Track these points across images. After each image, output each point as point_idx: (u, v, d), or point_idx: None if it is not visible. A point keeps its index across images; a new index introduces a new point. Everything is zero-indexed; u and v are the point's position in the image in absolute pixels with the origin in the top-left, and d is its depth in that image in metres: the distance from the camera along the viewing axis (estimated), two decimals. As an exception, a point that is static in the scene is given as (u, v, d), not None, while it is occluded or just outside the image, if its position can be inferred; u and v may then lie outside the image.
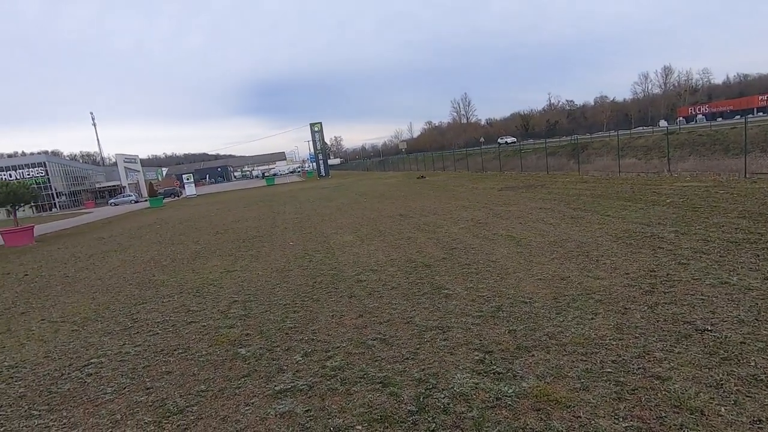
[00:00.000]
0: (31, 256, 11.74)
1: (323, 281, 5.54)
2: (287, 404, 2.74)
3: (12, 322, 5.46)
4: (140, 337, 4.35)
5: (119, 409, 2.97)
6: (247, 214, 16.43)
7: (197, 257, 8.42)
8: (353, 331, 3.79)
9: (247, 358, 3.50)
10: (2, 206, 15.45)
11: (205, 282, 6.30)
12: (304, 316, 4.33)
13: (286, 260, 7.11)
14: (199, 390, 3.08)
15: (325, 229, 10.03)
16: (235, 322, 4.43)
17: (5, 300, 6.75)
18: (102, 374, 3.56)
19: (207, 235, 11.64)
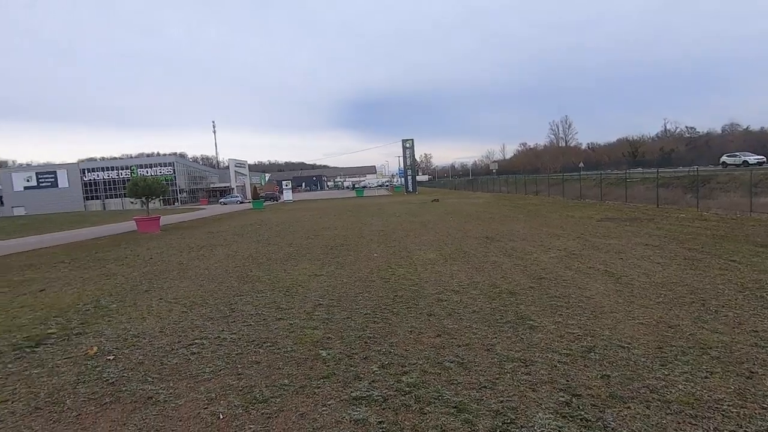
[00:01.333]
0: (156, 243, 13.60)
1: (404, 296, 5.59)
2: (362, 412, 2.80)
3: (138, 298, 6.36)
4: (236, 326, 4.78)
5: (214, 388, 3.29)
6: (337, 222, 17.24)
7: (289, 258, 9.04)
8: (430, 350, 3.76)
9: (327, 361, 3.66)
10: (139, 197, 18.19)
11: (294, 282, 6.74)
12: (383, 328, 4.41)
13: (369, 271, 7.31)
14: (283, 384, 3.29)
15: (409, 244, 10.12)
16: (319, 324, 4.66)
17: (134, 278, 7.89)
18: (203, 354, 3.98)
19: (299, 238, 12.45)
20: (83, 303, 6.21)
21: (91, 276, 8.38)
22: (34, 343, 4.57)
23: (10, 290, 7.46)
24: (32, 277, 8.71)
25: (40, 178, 66.03)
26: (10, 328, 5.14)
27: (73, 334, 4.82)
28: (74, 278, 8.23)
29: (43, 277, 8.63)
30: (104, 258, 10.80)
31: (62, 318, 5.48)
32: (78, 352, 4.22)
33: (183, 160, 79.75)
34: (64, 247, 14.13)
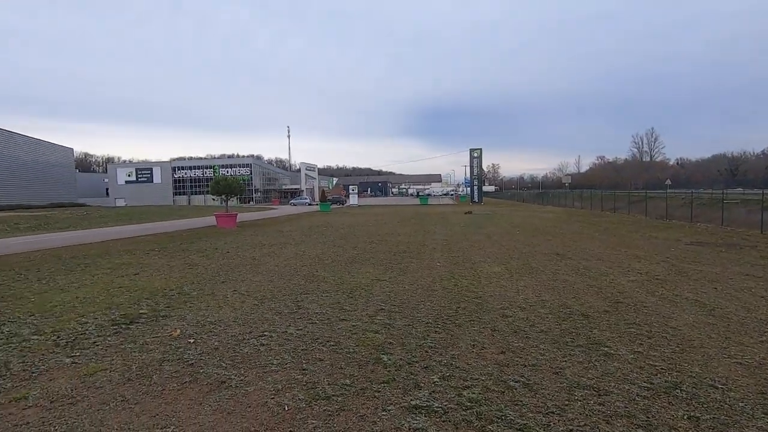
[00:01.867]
0: (232, 238, 14.62)
1: (467, 308, 5.47)
2: (421, 422, 2.78)
3: (215, 288, 6.87)
4: (302, 322, 4.98)
5: (281, 380, 3.45)
6: (400, 229, 17.35)
7: (353, 261, 9.25)
8: (494, 367, 3.63)
9: (388, 366, 3.68)
10: (220, 195, 19.70)
11: (357, 285, 6.88)
12: (445, 339, 4.35)
13: (432, 280, 7.26)
14: (344, 383, 3.36)
15: (473, 255, 9.90)
16: (380, 328, 4.71)
17: (212, 269, 8.54)
18: (271, 347, 4.19)
19: (363, 243, 12.70)
20: (169, 288, 6.83)
21: (176, 264, 9.21)
22: (129, 320, 5.11)
23: (112, 271, 8.43)
24: (129, 261, 9.77)
25: (138, 173, 74.06)
26: (110, 306, 5.80)
27: (160, 316, 5.32)
28: (163, 265, 9.09)
29: (137, 262, 9.64)
30: (188, 249, 11.82)
31: (152, 300, 6.07)
32: (164, 333, 4.65)
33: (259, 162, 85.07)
34: (155, 237, 15.69)
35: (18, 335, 4.61)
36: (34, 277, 7.94)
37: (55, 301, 6.12)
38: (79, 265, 9.25)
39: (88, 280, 7.64)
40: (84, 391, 3.30)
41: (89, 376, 3.57)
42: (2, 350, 4.16)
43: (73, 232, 20.04)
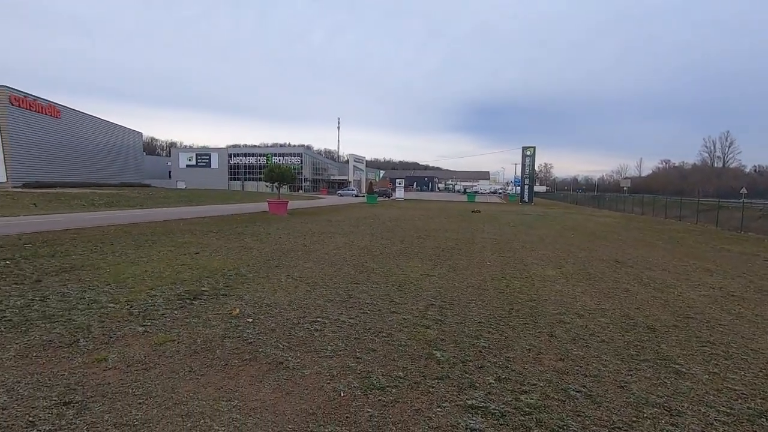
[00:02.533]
0: (284, 224, 15.10)
1: (521, 311, 5.30)
2: (478, 423, 2.72)
3: (270, 272, 7.13)
4: (353, 311, 5.05)
5: (335, 366, 3.51)
6: (448, 225, 17.14)
7: (401, 255, 9.25)
8: (552, 374, 3.49)
9: (441, 362, 3.64)
10: (272, 182, 20.38)
11: (407, 279, 6.87)
12: (499, 340, 4.24)
13: (483, 279, 7.10)
14: (398, 375, 3.37)
15: (525, 257, 9.58)
16: (432, 324, 4.67)
17: (266, 253, 8.86)
18: (325, 333, 4.28)
19: (411, 237, 12.67)
20: (227, 269, 7.17)
21: (233, 246, 9.64)
22: (192, 296, 5.42)
23: (175, 249, 8.98)
24: (190, 241, 10.36)
25: (198, 158, 78.27)
26: (175, 281, 6.17)
27: (221, 294, 5.59)
28: (220, 247, 9.56)
29: (197, 242, 10.20)
30: (243, 233, 12.35)
31: (212, 279, 6.40)
32: (224, 311, 4.89)
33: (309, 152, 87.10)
34: (213, 219, 16.53)
35: (97, 302, 5.02)
36: (108, 250, 8.62)
37: (128, 273, 6.61)
38: (147, 242, 9.93)
39: (155, 255, 8.18)
40: (156, 358, 3.53)
41: (159, 345, 3.81)
42: (85, 314, 4.55)
43: (140, 210, 21.58)
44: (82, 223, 13.97)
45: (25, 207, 20.22)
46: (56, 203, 22.46)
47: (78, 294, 5.34)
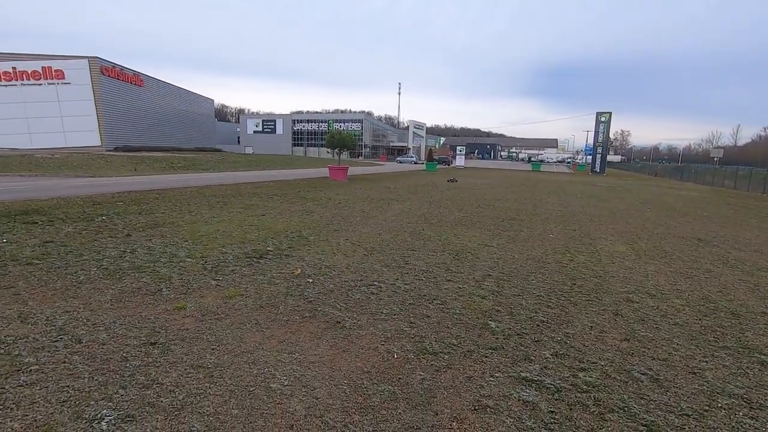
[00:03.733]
0: (343, 190, 15.43)
1: (584, 286, 5.06)
2: (531, 395, 2.69)
3: (329, 235, 7.37)
4: (409, 277, 5.11)
5: (390, 329, 3.61)
6: (509, 195, 16.53)
7: (459, 224, 9.12)
8: (615, 354, 3.33)
9: (495, 333, 3.61)
10: (334, 148, 20.75)
11: (464, 248, 6.78)
12: (558, 315, 4.09)
13: (544, 251, 6.83)
14: (451, 342, 3.39)
15: (593, 231, 9.03)
16: (488, 294, 4.61)
17: (327, 218, 9.15)
18: (380, 296, 4.39)
19: (470, 206, 12.41)
20: (290, 231, 7.52)
21: (295, 210, 10.06)
22: (259, 255, 5.77)
23: (243, 210, 9.56)
24: (256, 203, 10.96)
25: (264, 124, 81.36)
26: (243, 241, 6.60)
27: (284, 254, 5.90)
28: (284, 210, 10.02)
29: (263, 204, 10.76)
30: (305, 197, 12.81)
31: (276, 240, 6.76)
32: (287, 270, 5.16)
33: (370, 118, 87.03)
34: (277, 183, 17.30)
35: (177, 256, 5.53)
36: (186, 210, 9.38)
37: (202, 231, 7.17)
38: (219, 203, 10.65)
39: (226, 216, 8.77)
40: (226, 310, 3.85)
41: (230, 298, 4.14)
42: (167, 267, 5.04)
43: (212, 173, 23.10)
44: (163, 184, 15.27)
45: (117, 169, 22.45)
46: (142, 165, 24.67)
47: (161, 248, 5.90)
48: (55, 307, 3.71)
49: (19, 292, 4.08)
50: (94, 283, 4.40)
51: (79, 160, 25.02)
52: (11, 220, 7.48)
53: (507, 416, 2.47)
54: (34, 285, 4.29)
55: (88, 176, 18.55)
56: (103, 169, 22.00)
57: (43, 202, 9.84)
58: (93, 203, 9.93)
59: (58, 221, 7.60)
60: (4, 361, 2.73)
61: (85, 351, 2.93)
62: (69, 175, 18.86)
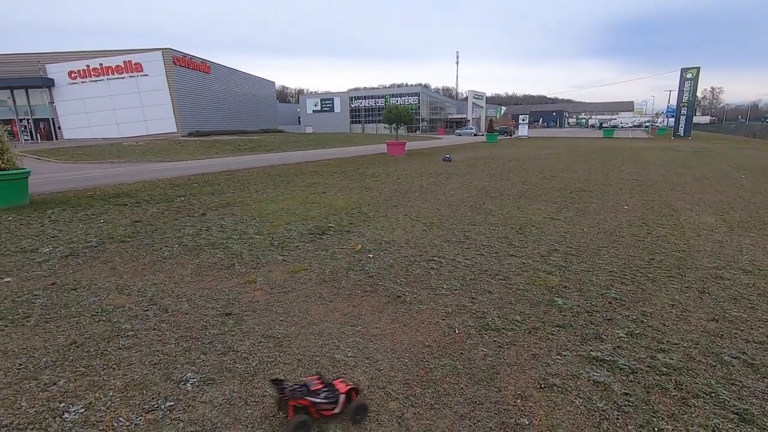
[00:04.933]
0: (402, 165, 15.37)
1: (664, 261, 4.64)
2: (602, 375, 2.55)
3: (388, 211, 7.41)
4: (470, 252, 5.01)
5: (451, 303, 3.58)
6: (577, 165, 15.50)
7: (522, 197, 8.74)
8: (701, 335, 3.04)
9: (563, 310, 3.44)
10: (391, 123, 20.61)
11: (527, 222, 6.50)
12: (633, 292, 3.81)
13: (618, 224, 6.35)
14: (514, 319, 3.29)
15: (675, 201, 8.22)
16: (554, 270, 4.40)
17: (385, 194, 9.19)
18: (441, 272, 4.36)
19: (534, 177, 11.82)
20: (350, 207, 7.66)
21: (355, 187, 10.22)
22: (321, 231, 5.96)
23: (305, 189, 9.89)
24: (317, 181, 11.27)
25: (323, 103, 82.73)
26: (306, 218, 6.84)
27: (345, 230, 6.04)
28: (344, 187, 10.21)
29: (324, 182, 11.05)
30: (364, 173, 12.95)
31: (337, 216, 6.92)
32: (348, 246, 5.29)
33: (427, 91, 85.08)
34: (336, 161, 17.63)
35: (246, 233, 5.87)
36: (253, 189, 9.90)
37: (268, 209, 7.54)
38: (282, 182, 11.10)
39: (290, 194, 9.13)
40: (292, 284, 4.04)
41: (295, 273, 4.33)
42: (238, 243, 5.38)
43: (276, 153, 24.06)
44: (232, 165, 16.20)
45: (191, 153, 24.14)
46: (213, 149, 26.30)
47: (232, 226, 6.30)
48: (145, 280, 4.13)
49: (115, 266, 4.58)
50: (176, 259, 4.82)
51: (159, 146, 27.25)
52: (107, 203, 8.38)
53: (575, 396, 2.36)
54: (127, 260, 4.79)
55: (167, 161, 20.16)
56: (180, 153, 23.76)
57: (131, 186, 10.89)
58: (172, 185, 10.80)
59: (144, 203, 8.38)
60: (106, 326, 3.10)
61: (171, 320, 3.24)
62: (151, 160, 20.62)
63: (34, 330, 3.04)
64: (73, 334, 2.96)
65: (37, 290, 3.87)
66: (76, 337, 2.91)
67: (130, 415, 2.10)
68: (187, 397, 2.26)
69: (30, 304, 3.55)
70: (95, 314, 3.32)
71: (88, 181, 12.12)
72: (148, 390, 2.32)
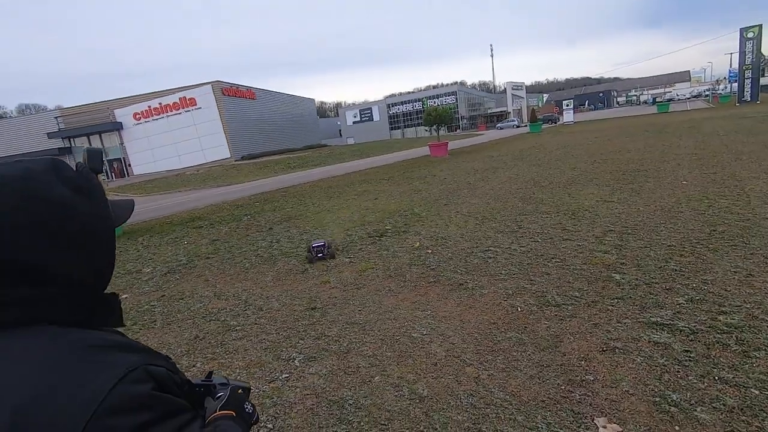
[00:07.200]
0: (447, 165, 15.60)
1: (726, 231, 4.61)
2: (663, 336, 2.74)
3: (440, 209, 7.73)
4: (524, 240, 5.22)
5: (510, 286, 3.86)
6: (630, 144, 14.94)
7: (573, 183, 8.72)
8: (765, 295, 3.11)
9: (621, 284, 3.61)
10: (432, 125, 20.90)
11: (580, 207, 6.57)
12: (693, 263, 3.88)
13: (676, 200, 6.26)
14: (574, 295, 3.52)
15: (739, 171, 7.86)
16: (610, 249, 4.52)
17: (435, 194, 9.52)
18: (498, 260, 4.63)
19: (583, 162, 11.63)
20: (403, 210, 8.06)
21: (404, 190, 10.63)
22: (380, 234, 6.41)
23: (358, 197, 10.43)
24: (367, 189, 11.80)
25: (362, 114, 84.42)
26: (363, 223, 7.32)
27: (401, 231, 6.44)
28: (393, 192, 10.65)
29: (374, 189, 11.56)
30: (411, 177, 13.34)
31: (392, 219, 7.35)
32: (406, 245, 5.68)
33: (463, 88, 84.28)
34: (382, 168, 18.17)
35: (311, 242, 6.44)
36: (309, 202, 10.59)
37: (327, 219, 8.12)
38: (335, 193, 11.75)
39: (344, 204, 9.70)
40: (362, 281, 4.49)
41: (363, 272, 4.79)
42: (306, 251, 5.94)
43: (323, 167, 25.08)
44: (286, 183, 17.22)
45: (246, 175, 25.76)
46: (265, 170, 27.88)
47: (298, 236, 6.91)
48: (236, 287, 4.76)
49: (207, 278, 5.28)
50: (256, 268, 5.45)
51: (217, 172, 29.31)
52: (185, 227, 9.38)
53: (637, 355, 2.58)
54: (216, 273, 5.48)
55: (226, 185, 21.71)
56: (237, 176, 25.44)
57: (202, 210, 12.00)
58: (236, 206, 11.79)
59: (216, 223, 9.29)
60: (217, 324, 3.70)
61: (267, 315, 3.79)
62: (213, 185, 22.30)
63: (163, 330, 3.71)
64: (194, 331, 3.58)
65: (152, 302, 4.61)
66: (198, 333, 3.53)
67: (257, 385, 2.61)
68: (297, 370, 2.75)
69: (151, 312, 4.26)
70: (205, 316, 3.95)
71: (164, 210, 13.48)
72: (265, 367, 2.83)
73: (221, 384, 0.82)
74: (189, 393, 0.71)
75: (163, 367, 0.62)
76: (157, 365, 0.61)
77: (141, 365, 0.58)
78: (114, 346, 0.59)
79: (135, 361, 0.58)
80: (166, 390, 0.60)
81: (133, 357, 0.59)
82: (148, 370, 0.58)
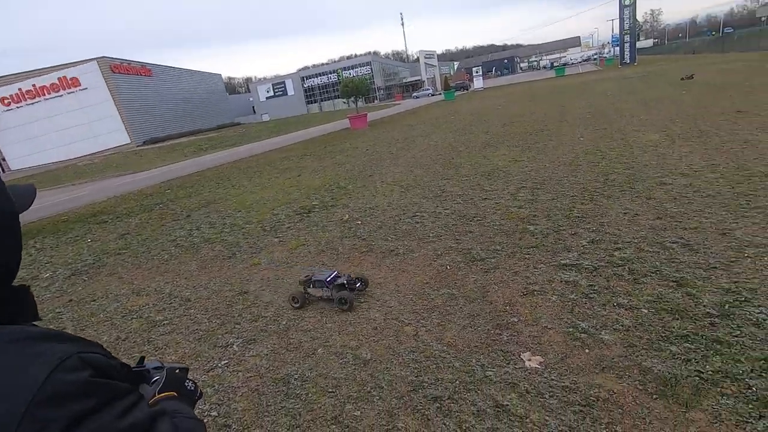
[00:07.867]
0: (367, 137, 15.61)
1: (616, 180, 5.25)
2: (572, 275, 3.09)
3: (365, 181, 7.78)
4: (447, 203, 5.48)
5: (439, 247, 4.06)
6: (533, 107, 16.11)
7: (487, 146, 9.24)
8: (648, 231, 3.63)
9: (534, 234, 3.98)
10: (349, 97, 20.64)
11: (495, 168, 7.02)
12: (593, 209, 4.38)
13: (575, 155, 6.94)
14: (495, 249, 3.80)
15: (624, 125, 8.90)
16: (524, 204, 4.93)
17: (358, 166, 9.53)
18: (425, 224, 4.82)
19: (495, 126, 12.34)
20: (328, 184, 7.98)
21: (327, 165, 10.49)
22: (307, 210, 6.30)
23: (280, 175, 10.10)
24: (289, 166, 11.45)
25: (275, 88, 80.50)
26: (289, 201, 7.14)
27: (329, 205, 6.40)
28: (316, 167, 10.46)
29: (296, 166, 11.25)
30: (332, 151, 13.17)
31: (318, 194, 7.25)
32: (335, 218, 5.67)
33: (377, 58, 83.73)
34: (302, 144, 17.68)
35: (236, 225, 6.15)
36: (228, 185, 10.03)
37: (250, 200, 7.78)
38: (255, 173, 11.24)
39: (266, 183, 9.34)
40: (295, 258, 4.42)
41: (294, 249, 4.71)
42: (232, 235, 5.68)
43: (239, 147, 23.73)
44: (199, 166, 16.06)
45: (152, 161, 23.53)
46: (174, 153, 25.67)
47: (221, 221, 6.56)
48: (156, 281, 4.43)
49: (121, 276, 4.84)
50: (177, 258, 5.10)
51: (117, 160, 26.38)
52: (85, 223, 8.40)
53: (552, 294, 2.90)
54: (130, 269, 5.04)
55: (130, 173, 19.69)
56: (140, 163, 23.14)
57: (104, 203, 10.81)
58: (145, 195, 10.79)
59: (124, 216, 8.45)
60: (140, 322, 3.44)
61: (196, 305, 3.60)
62: (113, 175, 20.08)
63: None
64: (115, 333, 3.29)
65: (58, 308, 4.13)
66: (119, 334, 3.25)
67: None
68: (236, 355, 2.68)
69: (59, 319, 3.82)
70: (125, 315, 3.64)
71: (55, 207, 11.91)
72: (201, 357, 2.71)
73: (155, 368, 0.80)
74: (128, 376, 0.68)
75: (98, 353, 0.58)
76: (92, 352, 0.56)
77: (74, 353, 0.54)
78: (41, 337, 0.55)
79: (67, 350, 0.54)
80: (107, 375, 0.56)
81: (65, 346, 0.55)
82: (82, 357, 0.54)
